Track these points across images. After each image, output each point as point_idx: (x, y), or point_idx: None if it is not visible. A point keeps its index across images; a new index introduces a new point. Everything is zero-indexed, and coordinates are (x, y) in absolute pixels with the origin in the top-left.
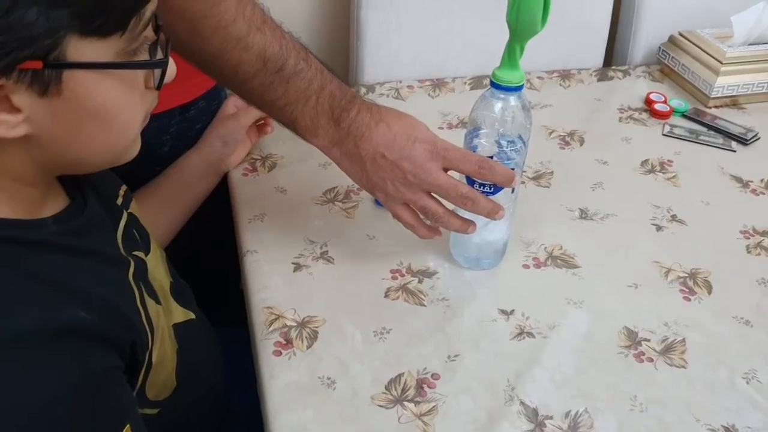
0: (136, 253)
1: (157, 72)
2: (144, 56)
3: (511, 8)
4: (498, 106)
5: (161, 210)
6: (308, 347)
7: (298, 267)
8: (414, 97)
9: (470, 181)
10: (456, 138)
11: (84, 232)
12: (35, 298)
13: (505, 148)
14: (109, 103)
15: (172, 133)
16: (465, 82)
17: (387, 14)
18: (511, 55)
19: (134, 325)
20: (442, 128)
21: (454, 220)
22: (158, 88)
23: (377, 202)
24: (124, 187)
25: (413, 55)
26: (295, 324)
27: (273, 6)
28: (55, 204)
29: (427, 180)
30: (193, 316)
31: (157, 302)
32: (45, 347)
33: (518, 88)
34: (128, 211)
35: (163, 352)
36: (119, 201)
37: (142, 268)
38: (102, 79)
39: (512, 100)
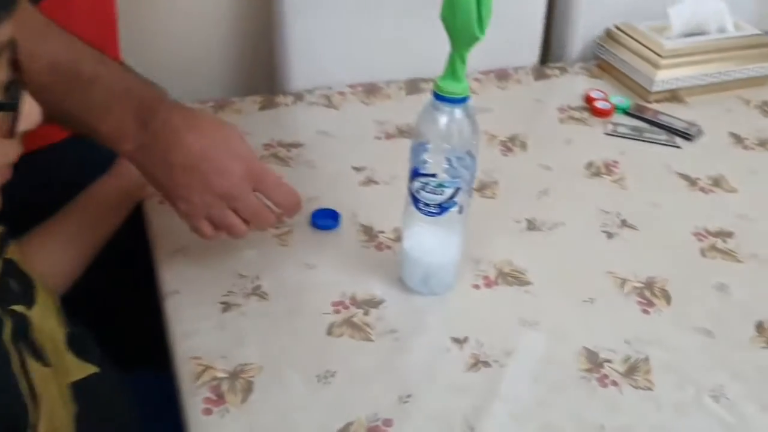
0: (14, 307)
1: (12, 118)
2: None
3: (445, 6)
4: (443, 119)
5: (65, 247)
6: (243, 401)
7: (227, 307)
8: (347, 105)
9: (415, 200)
10: (397, 149)
11: None
12: None
13: (454, 164)
14: None
15: (71, 161)
16: (400, 87)
17: (312, 18)
18: (452, 66)
19: (7, 395)
20: (380, 138)
21: (244, 234)
22: (11, 136)
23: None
24: None
25: (342, 59)
26: (226, 375)
27: (190, 13)
28: None
29: (239, 198)
30: (95, 369)
31: (45, 364)
32: None
33: (463, 100)
34: (4, 257)
35: (53, 421)
36: None
37: (22, 325)
38: None
39: (457, 112)
